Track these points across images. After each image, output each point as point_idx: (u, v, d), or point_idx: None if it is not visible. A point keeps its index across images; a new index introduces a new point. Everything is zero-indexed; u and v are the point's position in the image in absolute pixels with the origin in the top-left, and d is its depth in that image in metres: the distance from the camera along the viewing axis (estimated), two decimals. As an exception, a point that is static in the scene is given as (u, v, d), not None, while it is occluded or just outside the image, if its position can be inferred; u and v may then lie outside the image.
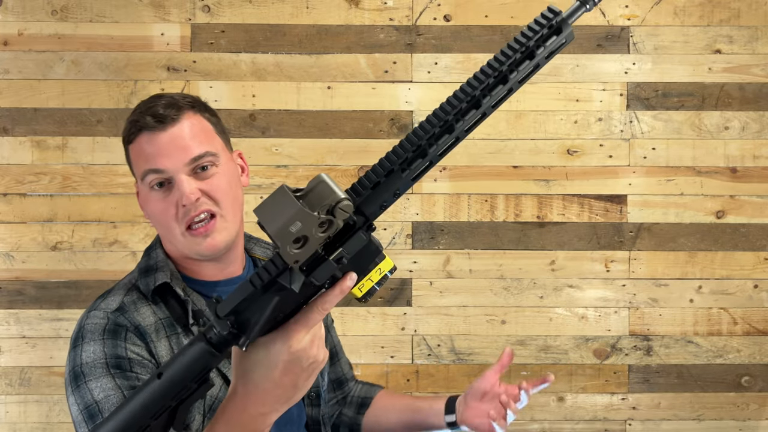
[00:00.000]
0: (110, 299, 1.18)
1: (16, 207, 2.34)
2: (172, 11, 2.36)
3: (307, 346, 0.87)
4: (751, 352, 2.38)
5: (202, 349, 0.86)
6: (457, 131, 0.95)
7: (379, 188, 0.90)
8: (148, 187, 1.17)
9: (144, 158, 1.16)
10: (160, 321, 1.17)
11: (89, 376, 1.10)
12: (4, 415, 2.33)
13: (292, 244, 0.82)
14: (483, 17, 2.38)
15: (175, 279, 1.20)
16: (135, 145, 1.18)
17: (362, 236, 0.87)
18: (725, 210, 2.38)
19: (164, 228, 1.18)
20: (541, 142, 2.38)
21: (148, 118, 1.17)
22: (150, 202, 1.18)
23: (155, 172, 1.15)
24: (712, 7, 2.39)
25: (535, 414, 2.38)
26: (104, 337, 1.12)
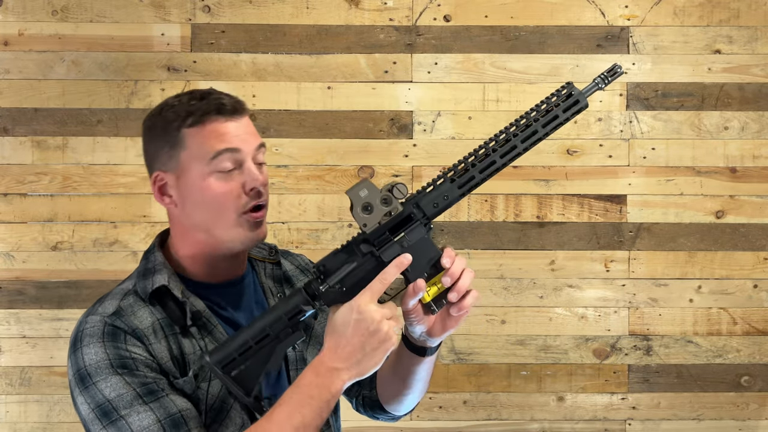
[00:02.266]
0: (107, 303, 1.18)
1: (16, 207, 2.35)
2: (173, 11, 2.36)
3: (372, 311, 1.07)
4: (750, 352, 2.38)
5: (299, 294, 1.13)
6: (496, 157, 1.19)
7: (433, 190, 1.16)
8: (212, 169, 1.17)
9: (218, 138, 1.17)
10: (158, 321, 1.17)
11: (96, 376, 1.11)
12: (4, 415, 2.33)
13: (362, 208, 1.11)
14: (483, 17, 2.38)
15: (173, 281, 1.20)
16: (207, 127, 1.18)
17: (421, 227, 1.14)
18: (725, 210, 2.38)
19: (217, 211, 1.18)
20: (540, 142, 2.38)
21: (226, 101, 1.20)
22: (214, 184, 1.17)
23: (233, 151, 1.17)
24: (712, 7, 2.39)
25: (535, 414, 2.38)
26: (103, 339, 1.13)
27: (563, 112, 1.19)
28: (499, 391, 2.38)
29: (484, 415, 2.38)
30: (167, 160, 1.19)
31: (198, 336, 1.19)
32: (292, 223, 2.36)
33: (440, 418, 2.38)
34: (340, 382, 1.08)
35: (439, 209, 1.16)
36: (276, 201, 2.36)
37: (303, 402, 1.07)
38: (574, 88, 1.19)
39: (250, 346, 1.11)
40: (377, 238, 1.13)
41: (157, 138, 1.20)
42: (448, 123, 2.37)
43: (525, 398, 2.38)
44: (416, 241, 1.13)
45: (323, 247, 2.34)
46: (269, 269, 1.36)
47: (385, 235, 1.13)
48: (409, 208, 1.14)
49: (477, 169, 1.17)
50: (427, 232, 1.15)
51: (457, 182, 1.16)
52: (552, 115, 1.18)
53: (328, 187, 2.37)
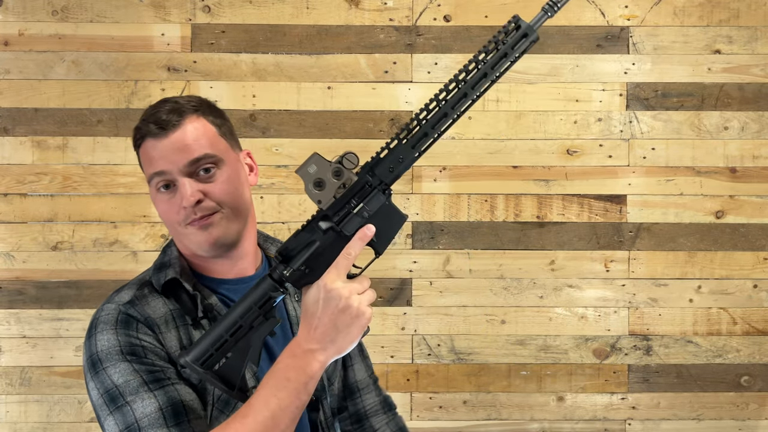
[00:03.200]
0: (123, 293, 1.22)
1: (16, 207, 2.35)
2: (173, 11, 2.36)
3: (339, 288, 1.06)
4: (750, 352, 2.38)
5: (266, 281, 1.12)
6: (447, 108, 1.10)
7: (387, 155, 1.11)
8: (155, 189, 1.22)
9: (148, 162, 1.22)
10: (170, 312, 1.21)
11: (106, 362, 1.14)
12: (4, 415, 2.33)
13: (313, 185, 1.09)
14: (483, 17, 2.38)
15: (185, 275, 1.24)
16: (142, 150, 1.24)
17: (380, 195, 1.10)
18: (725, 210, 2.38)
19: (171, 228, 1.24)
20: (540, 142, 2.38)
21: (151, 125, 1.21)
22: (158, 203, 1.24)
23: (158, 174, 1.20)
24: (712, 7, 2.39)
25: (535, 414, 2.39)
26: (117, 327, 1.17)
27: (512, 48, 1.15)
28: (499, 391, 2.38)
29: (484, 415, 2.38)
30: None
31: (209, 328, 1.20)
32: (292, 223, 2.36)
33: (440, 418, 2.38)
34: (317, 363, 1.08)
35: (396, 173, 1.12)
36: (276, 201, 2.36)
37: (279, 385, 1.08)
38: (521, 20, 1.15)
39: (225, 340, 1.11)
40: (336, 212, 1.10)
41: None
42: (448, 123, 2.37)
43: (525, 398, 2.38)
44: (377, 209, 1.10)
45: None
46: None
47: (343, 208, 1.10)
48: (363, 177, 1.11)
49: (429, 125, 1.11)
50: (387, 198, 1.11)
51: (410, 142, 1.11)
52: (501, 53, 1.13)
53: (328, 187, 2.37)
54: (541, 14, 1.15)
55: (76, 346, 2.33)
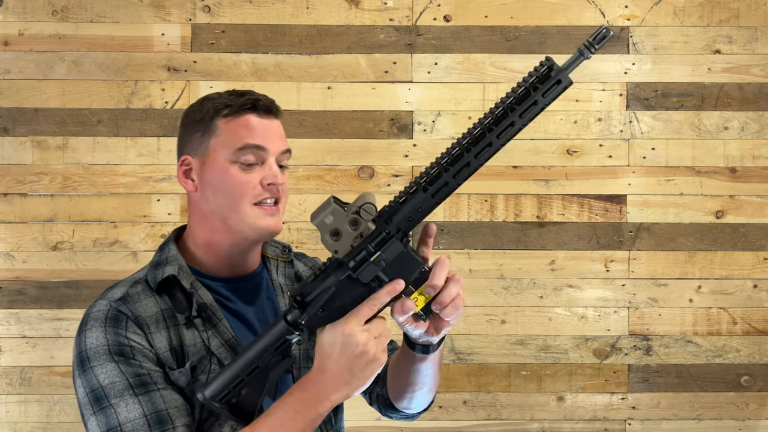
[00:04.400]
0: (116, 290, 1.22)
1: (16, 207, 2.35)
2: (173, 11, 2.36)
3: (357, 333, 1.06)
4: (750, 352, 2.39)
5: (281, 324, 1.12)
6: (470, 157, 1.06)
7: (405, 203, 1.09)
8: (234, 160, 1.22)
9: (248, 132, 1.22)
10: (161, 312, 1.20)
11: (94, 361, 1.14)
12: (4, 415, 2.33)
13: (330, 235, 1.09)
14: (483, 17, 2.38)
15: (183, 272, 1.23)
16: (240, 119, 1.23)
17: (398, 243, 1.08)
18: (725, 210, 2.39)
19: (234, 199, 1.22)
20: (540, 142, 2.38)
21: (261, 102, 1.24)
22: (231, 173, 1.22)
23: (258, 148, 1.23)
24: (712, 7, 2.39)
25: (535, 414, 2.39)
26: (106, 324, 1.16)
27: (543, 96, 1.04)
28: (499, 391, 2.38)
29: (484, 415, 2.38)
30: (197, 145, 1.25)
31: (201, 328, 1.20)
32: (292, 223, 2.36)
33: (440, 418, 2.38)
34: (328, 402, 1.09)
35: (414, 222, 1.09)
36: (276, 201, 2.36)
37: (287, 417, 1.09)
38: (554, 63, 1.04)
39: (242, 378, 1.13)
40: (352, 260, 1.09)
41: (193, 124, 1.26)
42: (448, 123, 2.37)
43: (525, 398, 2.38)
44: (395, 257, 1.09)
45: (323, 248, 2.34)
46: (282, 267, 1.38)
47: (360, 255, 1.09)
48: (381, 226, 1.09)
49: (450, 174, 1.06)
50: (405, 245, 1.09)
51: (430, 191, 1.07)
52: (530, 101, 1.03)
53: (328, 187, 2.37)
54: (576, 56, 1.04)
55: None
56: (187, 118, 1.28)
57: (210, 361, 1.19)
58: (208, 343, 1.19)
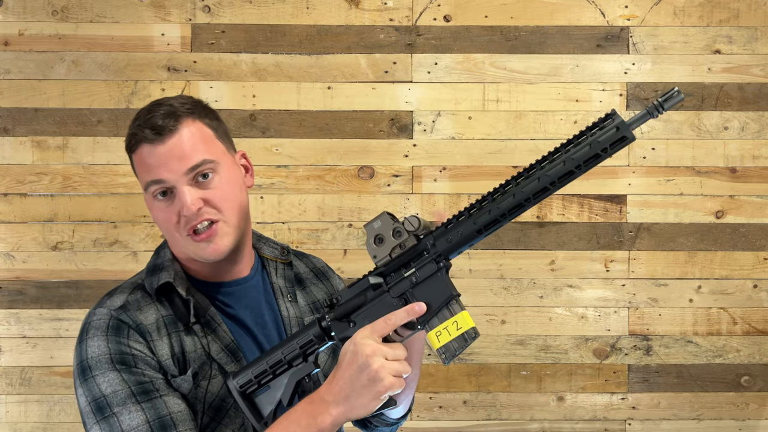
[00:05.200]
0: (115, 297, 1.20)
1: (16, 207, 2.35)
2: (173, 11, 2.36)
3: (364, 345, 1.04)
4: (750, 352, 2.38)
5: (315, 327, 1.14)
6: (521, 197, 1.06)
7: (450, 228, 1.10)
8: (151, 196, 1.19)
9: (145, 170, 1.17)
10: (162, 319, 1.19)
11: (96, 370, 1.13)
12: (4, 415, 2.33)
13: (374, 240, 1.12)
14: (483, 17, 2.38)
15: (178, 279, 1.22)
16: (137, 156, 1.19)
17: (433, 265, 1.10)
18: (725, 210, 2.38)
19: (169, 235, 1.21)
20: (541, 142, 2.38)
21: (147, 130, 1.16)
22: (154, 210, 1.20)
23: (156, 183, 1.17)
24: (712, 7, 2.39)
25: (535, 414, 2.38)
26: (107, 333, 1.15)
27: (603, 150, 1.02)
28: (499, 391, 2.38)
29: (484, 415, 2.38)
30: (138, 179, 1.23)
31: (201, 334, 1.20)
32: (292, 223, 2.36)
33: (440, 418, 2.38)
34: (328, 416, 1.06)
35: (453, 245, 1.10)
36: (276, 201, 2.36)
37: (289, 428, 1.07)
38: (619, 118, 1.02)
39: (265, 370, 1.14)
40: (388, 271, 1.12)
41: None
42: (448, 123, 2.37)
43: (525, 398, 2.38)
44: (427, 277, 1.10)
45: (323, 247, 2.34)
46: (281, 269, 1.35)
47: (396, 269, 1.11)
48: (422, 243, 1.11)
49: (499, 210, 1.06)
50: (439, 269, 1.10)
51: (473, 217, 1.08)
52: (593, 152, 1.01)
53: (328, 187, 2.37)
54: (643, 114, 1.01)
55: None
56: None
57: (211, 366, 1.18)
58: (209, 348, 1.19)
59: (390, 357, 1.05)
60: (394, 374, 1.04)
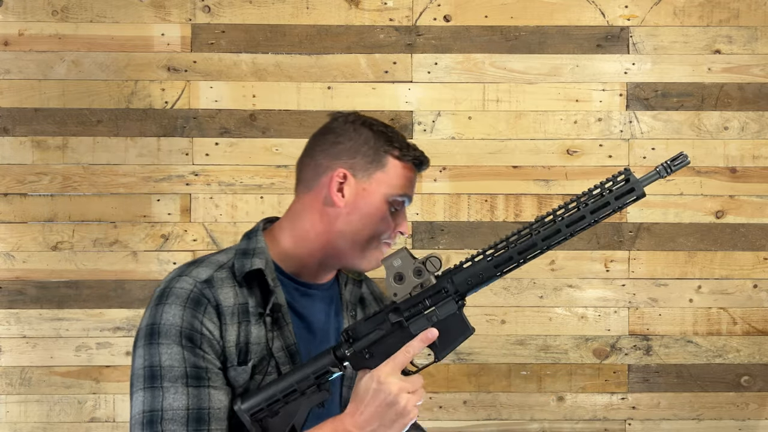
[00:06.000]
0: (201, 270, 1.22)
1: (16, 207, 2.35)
2: (173, 11, 2.36)
3: (391, 383, 1.10)
4: (750, 352, 2.39)
5: (329, 355, 1.17)
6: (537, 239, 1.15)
7: (470, 267, 1.16)
8: (390, 201, 1.27)
9: (410, 186, 1.30)
10: (238, 306, 1.21)
11: (163, 338, 1.15)
12: (4, 415, 2.34)
13: (394, 278, 1.16)
14: (483, 17, 2.38)
15: (268, 268, 1.24)
16: (407, 168, 1.29)
17: (452, 303, 1.15)
18: (725, 210, 2.38)
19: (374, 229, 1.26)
20: (540, 142, 2.38)
21: (424, 161, 1.32)
22: (382, 210, 1.26)
23: (408, 198, 1.30)
24: (712, 7, 2.39)
25: (535, 414, 2.39)
26: (186, 304, 1.17)
27: (615, 199, 1.14)
28: (499, 391, 2.38)
29: (484, 415, 2.38)
30: (361, 168, 1.26)
31: (269, 328, 1.22)
32: (292, 223, 2.35)
33: (440, 418, 2.38)
34: None
35: (472, 286, 1.17)
36: (276, 201, 2.36)
37: None
38: (632, 175, 1.14)
39: (277, 399, 1.16)
40: (407, 309, 1.16)
41: (361, 144, 1.27)
42: (448, 123, 2.37)
43: (525, 398, 2.38)
44: (446, 316, 1.15)
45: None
46: (350, 285, 1.40)
47: (415, 306, 1.16)
48: (442, 283, 1.16)
49: (516, 250, 1.17)
50: (459, 308, 1.16)
51: (494, 261, 1.17)
52: (603, 201, 1.14)
53: (328, 187, 2.36)
54: (653, 174, 1.13)
55: (76, 346, 2.33)
56: (355, 131, 1.28)
57: (269, 363, 1.21)
58: (271, 343, 1.21)
59: (411, 390, 1.12)
60: (415, 404, 1.13)
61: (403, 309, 1.16)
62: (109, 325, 2.34)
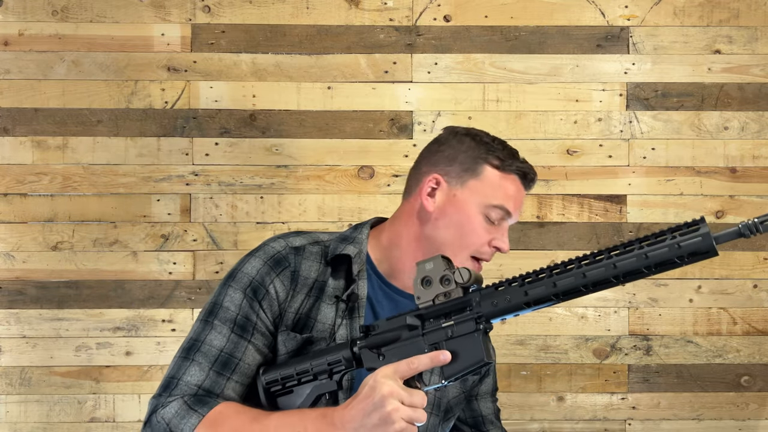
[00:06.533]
0: (298, 238, 1.28)
1: (16, 207, 2.35)
2: (173, 11, 2.36)
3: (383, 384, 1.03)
4: (750, 352, 2.39)
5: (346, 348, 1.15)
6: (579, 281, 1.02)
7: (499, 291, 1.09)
8: (483, 211, 1.26)
9: (508, 198, 1.27)
10: (317, 282, 1.25)
11: (235, 283, 1.23)
12: (4, 415, 2.34)
13: (421, 280, 1.10)
14: (483, 17, 2.38)
15: (359, 258, 1.27)
16: (508, 179, 1.28)
17: (472, 323, 1.07)
18: (725, 210, 2.38)
19: (463, 240, 1.26)
20: (540, 142, 2.38)
21: (530, 175, 1.29)
22: (473, 220, 1.26)
23: (507, 212, 1.27)
24: (712, 7, 2.39)
25: (535, 414, 2.38)
26: (267, 261, 1.24)
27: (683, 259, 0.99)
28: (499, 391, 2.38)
29: (484, 415, 2.38)
30: (455, 175, 1.28)
31: (340, 314, 1.24)
32: (292, 223, 2.36)
33: (440, 418, 2.38)
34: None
35: (497, 310, 1.08)
36: (276, 201, 2.36)
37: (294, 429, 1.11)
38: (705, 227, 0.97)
39: (292, 376, 1.17)
40: (428, 316, 1.11)
41: (461, 152, 1.29)
42: (448, 123, 2.37)
43: (525, 398, 2.38)
44: (463, 334, 1.08)
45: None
46: None
47: (435, 317, 1.11)
48: (466, 298, 1.10)
49: (555, 289, 1.04)
50: (476, 330, 1.08)
51: (525, 287, 1.08)
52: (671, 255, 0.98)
53: (328, 187, 2.37)
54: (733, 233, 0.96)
55: (76, 346, 2.33)
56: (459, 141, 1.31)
57: (327, 345, 1.23)
58: (337, 328, 1.23)
59: (406, 402, 1.03)
60: (407, 420, 1.03)
61: (424, 316, 1.11)
62: (109, 325, 2.34)
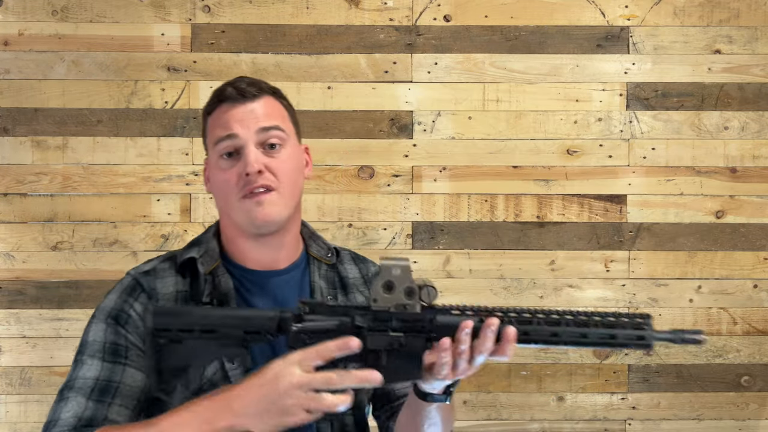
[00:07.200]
0: (149, 263, 1.28)
1: (16, 207, 2.35)
2: (173, 11, 2.36)
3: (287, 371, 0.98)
4: (750, 352, 2.38)
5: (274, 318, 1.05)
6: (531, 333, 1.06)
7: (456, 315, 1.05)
8: (217, 155, 1.23)
9: (220, 125, 1.23)
10: (178, 293, 1.23)
11: (96, 318, 1.23)
12: (4, 415, 2.33)
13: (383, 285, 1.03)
14: (483, 17, 2.38)
15: (207, 256, 1.25)
16: (214, 114, 1.26)
17: (423, 342, 1.03)
18: (725, 210, 2.38)
19: (223, 197, 1.24)
20: (540, 142, 2.38)
21: (230, 89, 1.24)
22: (216, 171, 1.24)
23: (228, 137, 1.22)
24: (712, 7, 2.39)
25: (535, 414, 2.38)
26: (121, 292, 1.23)
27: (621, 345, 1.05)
28: (499, 391, 2.38)
29: (484, 415, 2.38)
30: (205, 147, 1.30)
31: None
32: (292, 223, 2.35)
33: (440, 418, 2.38)
34: (223, 421, 1.01)
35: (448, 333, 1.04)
36: (276, 201, 2.36)
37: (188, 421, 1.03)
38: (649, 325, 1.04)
39: (193, 329, 1.04)
40: (376, 319, 1.04)
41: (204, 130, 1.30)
42: (448, 123, 2.37)
43: (525, 398, 2.38)
44: (409, 350, 1.03)
45: (323, 247, 2.34)
46: (323, 270, 1.33)
47: (385, 322, 1.04)
48: (425, 316, 1.04)
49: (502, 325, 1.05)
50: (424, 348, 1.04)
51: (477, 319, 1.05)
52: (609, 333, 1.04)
53: (328, 187, 2.37)
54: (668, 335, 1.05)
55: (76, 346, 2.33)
56: None
57: None
58: None
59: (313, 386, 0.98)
60: (311, 409, 0.99)
61: (372, 317, 1.03)
62: (109, 325, 2.34)
